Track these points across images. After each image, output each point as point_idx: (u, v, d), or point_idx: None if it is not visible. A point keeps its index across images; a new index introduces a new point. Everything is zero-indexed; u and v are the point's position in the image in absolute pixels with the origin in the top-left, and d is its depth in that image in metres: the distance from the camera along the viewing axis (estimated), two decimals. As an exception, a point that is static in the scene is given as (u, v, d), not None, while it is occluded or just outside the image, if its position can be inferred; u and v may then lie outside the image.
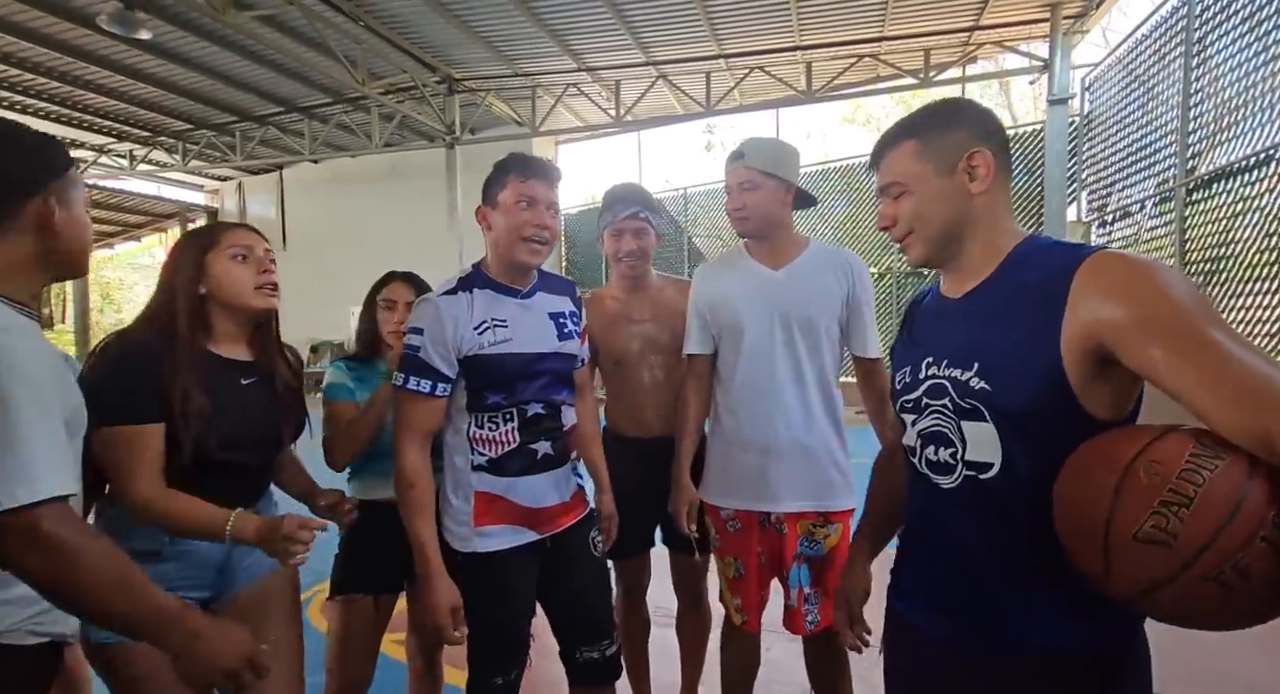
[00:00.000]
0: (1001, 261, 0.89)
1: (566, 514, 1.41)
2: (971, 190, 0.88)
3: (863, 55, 7.70)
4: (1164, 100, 5.57)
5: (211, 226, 1.22)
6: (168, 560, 1.12)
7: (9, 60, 7.31)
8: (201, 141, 10.10)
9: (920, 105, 0.98)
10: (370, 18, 6.86)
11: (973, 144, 0.88)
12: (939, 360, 0.91)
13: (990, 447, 0.84)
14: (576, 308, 1.46)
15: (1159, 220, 5.64)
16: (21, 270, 0.86)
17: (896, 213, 0.93)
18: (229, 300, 1.16)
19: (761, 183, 1.49)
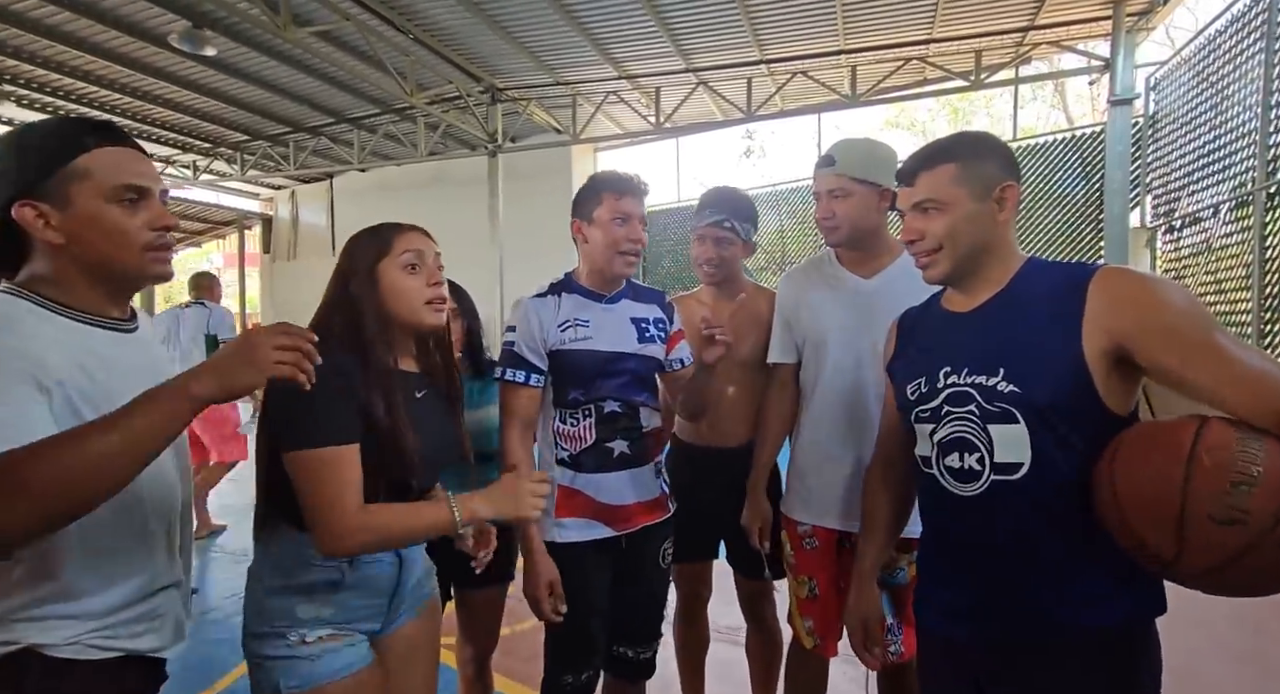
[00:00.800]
0: (1011, 278, 0.99)
1: (645, 515, 1.45)
2: (998, 219, 0.98)
3: (910, 58, 7.51)
4: (1239, 100, 5.26)
5: (384, 230, 1.13)
6: (349, 589, 1.05)
7: (89, 78, 7.77)
8: (258, 152, 10.54)
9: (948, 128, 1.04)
10: (420, 30, 7.05)
11: (1004, 177, 0.98)
12: (958, 369, 0.97)
13: (1020, 446, 0.90)
14: (665, 314, 1.52)
15: (1234, 226, 5.31)
16: (60, 277, 0.81)
17: (926, 228, 0.99)
18: (399, 315, 1.09)
19: (853, 190, 1.42)
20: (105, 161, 0.81)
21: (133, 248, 0.83)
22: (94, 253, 0.81)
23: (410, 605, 1.15)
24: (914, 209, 1.01)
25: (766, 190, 9.68)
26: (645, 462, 1.46)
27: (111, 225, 0.81)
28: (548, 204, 10.43)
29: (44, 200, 0.79)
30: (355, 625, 1.07)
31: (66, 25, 6.67)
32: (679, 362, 1.55)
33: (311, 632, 1.02)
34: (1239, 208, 5.23)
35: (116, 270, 0.84)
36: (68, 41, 6.89)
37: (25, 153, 0.80)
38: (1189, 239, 6.11)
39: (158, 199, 0.86)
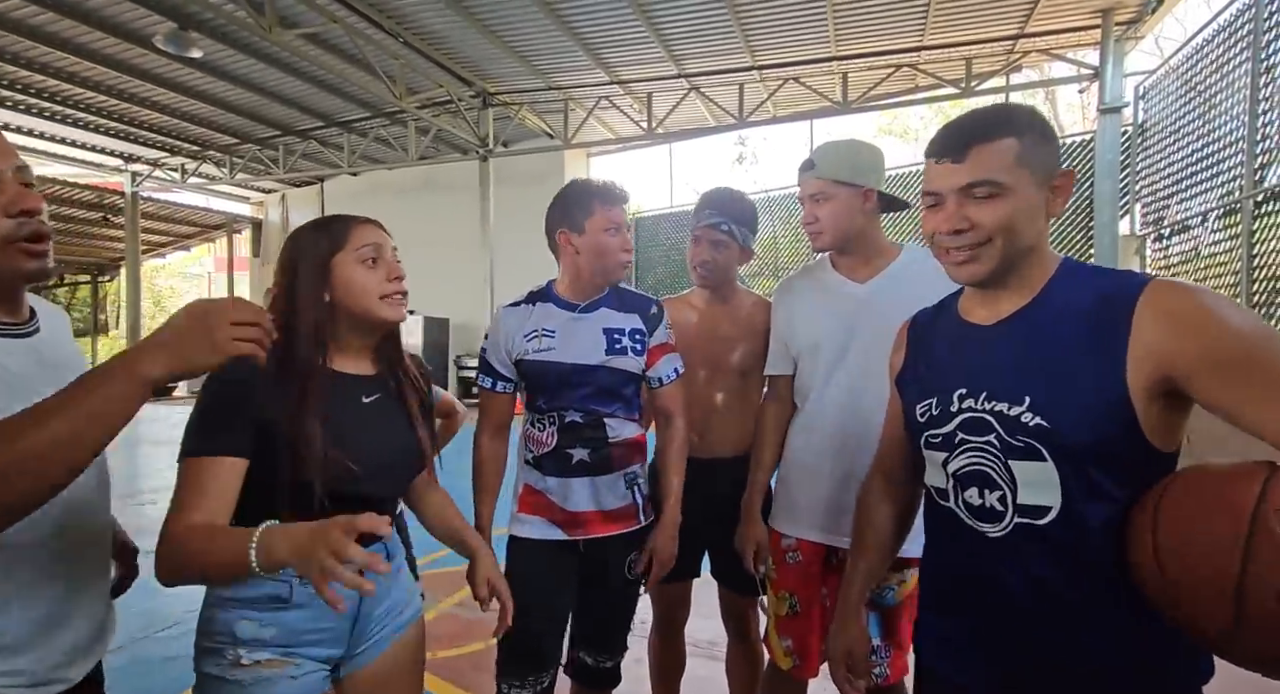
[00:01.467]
0: (1045, 285, 0.82)
1: (604, 524, 1.43)
2: (1050, 210, 0.82)
3: (901, 65, 7.53)
4: (1226, 109, 5.28)
5: (335, 221, 1.05)
6: (297, 607, 0.95)
7: (73, 79, 7.70)
8: (247, 155, 10.47)
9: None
10: (410, 34, 7.02)
11: (1056, 163, 0.81)
12: (975, 392, 0.82)
13: (1048, 488, 0.77)
14: (647, 325, 1.47)
15: (1222, 234, 5.32)
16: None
17: (979, 217, 0.79)
18: (355, 311, 1.00)
19: (834, 193, 1.36)
20: None
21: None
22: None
23: (383, 633, 1.05)
24: (962, 192, 0.80)
25: (759, 196, 9.67)
26: (609, 470, 1.43)
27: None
28: (539, 209, 10.25)
29: None
30: (303, 651, 0.96)
31: (50, 26, 6.61)
32: (658, 380, 1.48)
33: (249, 653, 0.92)
34: (1227, 215, 5.24)
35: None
36: (51, 42, 6.83)
37: None
38: (1178, 246, 6.12)
39: (9, 178, 0.74)
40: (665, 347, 1.50)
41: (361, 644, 1.02)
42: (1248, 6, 5.00)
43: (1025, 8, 6.47)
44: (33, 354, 0.82)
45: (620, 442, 1.44)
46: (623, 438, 1.44)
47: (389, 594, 1.07)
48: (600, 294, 1.47)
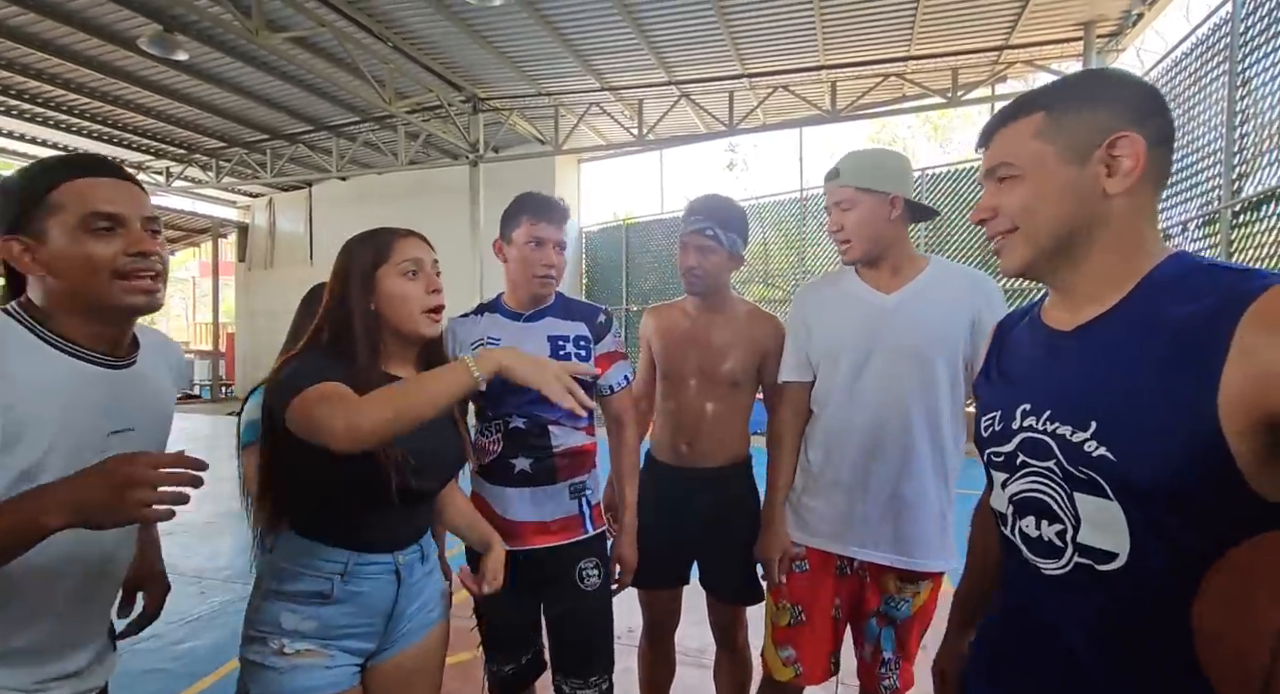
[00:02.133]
0: (1136, 285, 0.69)
1: (543, 535, 1.44)
2: (1107, 188, 0.67)
3: (889, 74, 7.62)
4: (1204, 120, 5.39)
5: (380, 234, 1.10)
6: (337, 603, 1.03)
7: (55, 81, 7.59)
8: (234, 159, 10.36)
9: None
10: (399, 38, 7.00)
11: (1119, 126, 0.67)
12: (1039, 410, 0.72)
13: (1115, 531, 0.65)
14: (593, 332, 1.50)
15: (1202, 243, 5.42)
16: (50, 307, 0.83)
17: (998, 203, 0.73)
18: (394, 323, 1.08)
19: (859, 200, 1.34)
20: (76, 192, 0.82)
21: (100, 276, 0.82)
22: (67, 283, 0.82)
23: (413, 629, 1.12)
24: (988, 178, 0.76)
25: (750, 203, 9.72)
26: (552, 481, 1.45)
27: (81, 255, 0.82)
28: (529, 214, 10.37)
29: (27, 234, 0.82)
30: (340, 644, 1.04)
31: (32, 27, 6.51)
32: (608, 387, 1.53)
33: (291, 643, 1.01)
34: (1207, 225, 5.34)
35: (89, 300, 0.83)
36: (32, 43, 6.73)
37: (10, 190, 0.83)
38: (1159, 255, 6.22)
39: (137, 226, 0.85)
40: (614, 354, 1.53)
41: (393, 638, 1.09)
42: (1224, 21, 5.12)
43: (1009, 20, 6.58)
44: (117, 386, 0.88)
45: (565, 450, 1.45)
46: (567, 446, 1.45)
47: (423, 591, 1.13)
48: (545, 304, 1.51)
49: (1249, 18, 4.88)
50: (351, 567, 1.03)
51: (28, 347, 0.80)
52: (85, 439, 0.82)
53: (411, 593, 1.11)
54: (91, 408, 0.83)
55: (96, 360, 0.85)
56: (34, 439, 0.77)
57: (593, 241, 11.03)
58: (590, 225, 11.16)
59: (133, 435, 0.87)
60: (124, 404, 0.87)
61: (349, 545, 1.04)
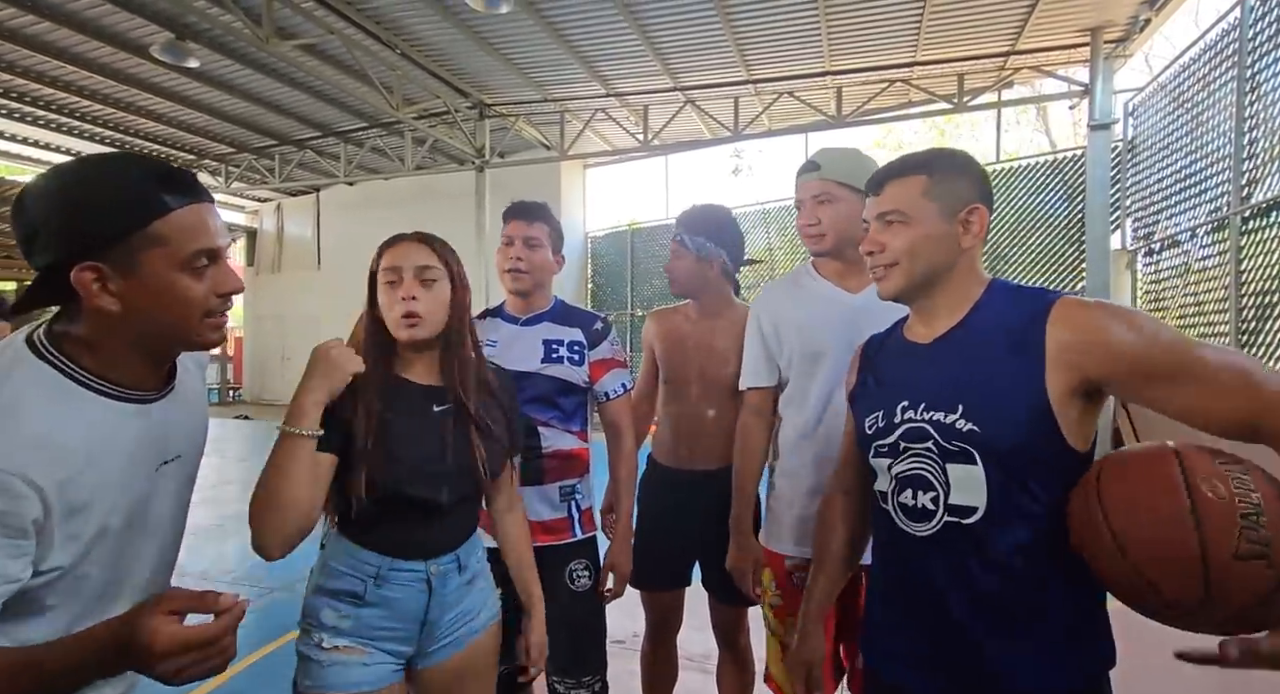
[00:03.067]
0: (973, 306, 0.94)
1: (534, 535, 1.44)
2: (962, 242, 0.93)
3: (895, 80, 7.62)
4: (1214, 126, 5.36)
5: (383, 245, 1.13)
6: (371, 605, 1.06)
7: (69, 88, 7.70)
8: (243, 164, 10.46)
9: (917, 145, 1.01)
10: (406, 45, 7.06)
11: (974, 199, 0.93)
12: (915, 404, 0.92)
13: (975, 489, 0.86)
14: (588, 338, 1.53)
15: (1212, 249, 5.38)
16: (101, 345, 0.72)
17: (887, 241, 0.95)
18: (389, 327, 1.10)
19: (839, 195, 1.36)
20: (184, 224, 0.72)
21: (194, 319, 0.74)
22: (151, 323, 0.72)
23: (455, 637, 1.12)
24: (878, 220, 0.96)
25: (754, 208, 9.73)
26: (540, 482, 1.48)
27: (179, 295, 0.72)
28: (535, 219, 10.42)
29: (107, 263, 0.69)
30: (376, 644, 1.06)
31: (46, 35, 6.61)
32: (604, 394, 1.55)
33: (330, 638, 1.05)
34: (1216, 231, 5.30)
35: (168, 340, 0.76)
36: (47, 51, 6.83)
37: (92, 208, 0.68)
38: (1168, 261, 6.18)
39: (225, 261, 0.77)
40: (611, 361, 1.55)
41: (433, 644, 1.11)
42: (1233, 27, 5.09)
43: (1016, 25, 6.57)
44: (164, 414, 0.80)
45: (554, 452, 1.48)
46: (557, 449, 1.48)
47: (461, 601, 1.13)
48: (543, 309, 1.56)
49: (1258, 23, 4.86)
50: (384, 571, 1.06)
51: (72, 397, 0.71)
52: (138, 481, 0.76)
53: (446, 603, 1.10)
54: (140, 450, 0.76)
55: (138, 398, 0.77)
56: (99, 499, 0.71)
57: (598, 246, 11.06)
58: (595, 230, 11.19)
59: (181, 461, 0.83)
60: (169, 433, 0.81)
61: (382, 550, 1.06)
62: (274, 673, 2.46)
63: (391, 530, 1.07)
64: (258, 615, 3.02)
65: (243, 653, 2.60)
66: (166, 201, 0.71)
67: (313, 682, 1.04)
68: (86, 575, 0.73)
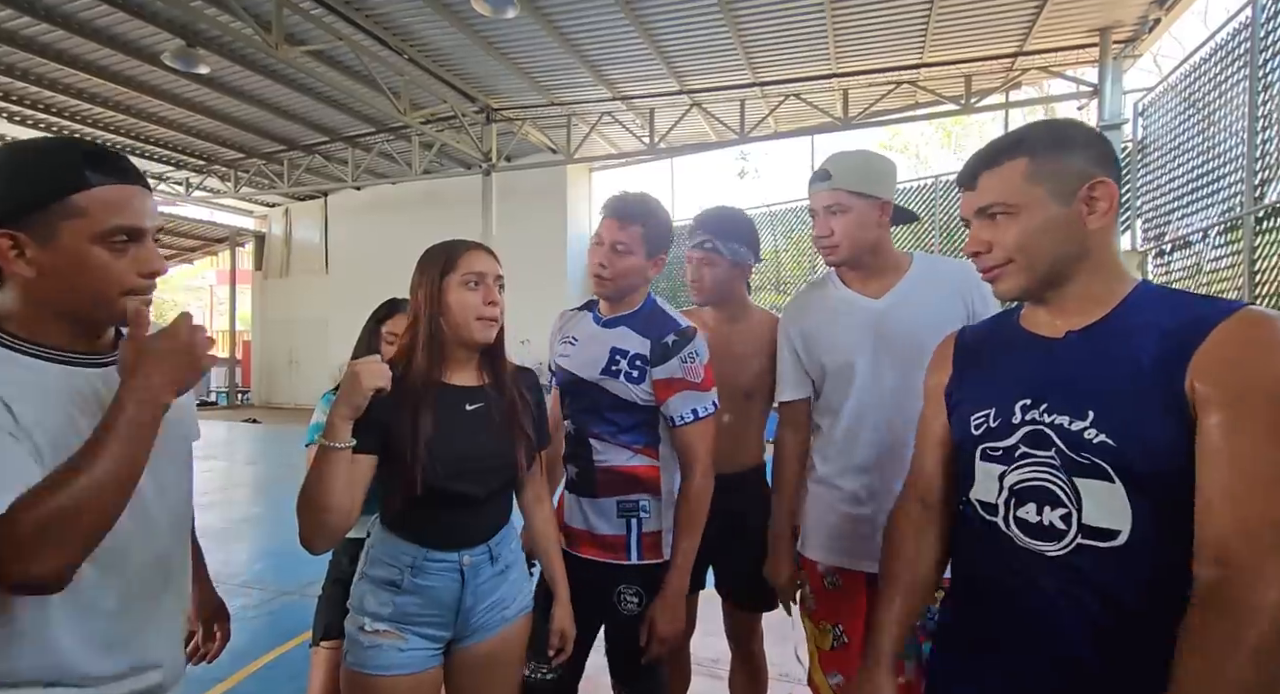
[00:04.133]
0: (1121, 302, 0.80)
1: (590, 547, 1.40)
2: (1089, 224, 0.79)
3: (901, 81, 7.60)
4: (1225, 126, 5.31)
5: (451, 247, 1.19)
6: (407, 593, 1.13)
7: (82, 95, 7.80)
8: (252, 169, 10.55)
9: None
10: (414, 51, 7.10)
11: (1094, 171, 0.79)
12: (1037, 403, 0.80)
13: (1118, 511, 0.73)
14: (651, 353, 1.36)
15: (1224, 250, 5.32)
16: (25, 312, 0.75)
17: (994, 237, 0.82)
18: (454, 329, 1.15)
19: (851, 204, 1.31)
20: (104, 199, 0.75)
21: (111, 293, 0.76)
22: (66, 293, 0.75)
23: (489, 623, 1.18)
24: (979, 216, 0.84)
25: (761, 210, 9.72)
26: (595, 494, 1.39)
27: (94, 268, 0.75)
28: (543, 223, 10.45)
29: (24, 230, 0.72)
30: (415, 629, 1.13)
31: (61, 43, 6.70)
32: (670, 419, 1.36)
33: (371, 622, 1.12)
34: (1228, 231, 5.25)
35: (85, 313, 0.78)
36: (61, 59, 6.92)
37: (16, 178, 0.73)
38: (1180, 262, 6.12)
39: (150, 241, 0.79)
40: (678, 382, 1.35)
41: (467, 630, 1.17)
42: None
43: (1024, 26, 6.54)
44: (112, 381, 0.81)
45: (607, 467, 1.38)
46: (610, 464, 1.38)
47: (495, 591, 1.19)
48: (629, 311, 1.42)
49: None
50: (420, 562, 1.12)
51: (19, 366, 0.74)
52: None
53: (480, 592, 1.16)
54: (85, 409, 0.77)
55: (79, 361, 0.79)
56: (49, 454, 0.73)
57: (604, 250, 11.07)
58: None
59: None
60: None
61: (417, 541, 1.13)
62: (284, 676, 2.46)
63: (427, 523, 1.13)
64: (268, 619, 3.03)
65: (253, 656, 2.60)
66: (89, 177, 0.74)
67: (355, 660, 1.12)
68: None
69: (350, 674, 1.13)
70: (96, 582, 0.78)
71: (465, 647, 1.18)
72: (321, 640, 1.57)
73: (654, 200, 1.44)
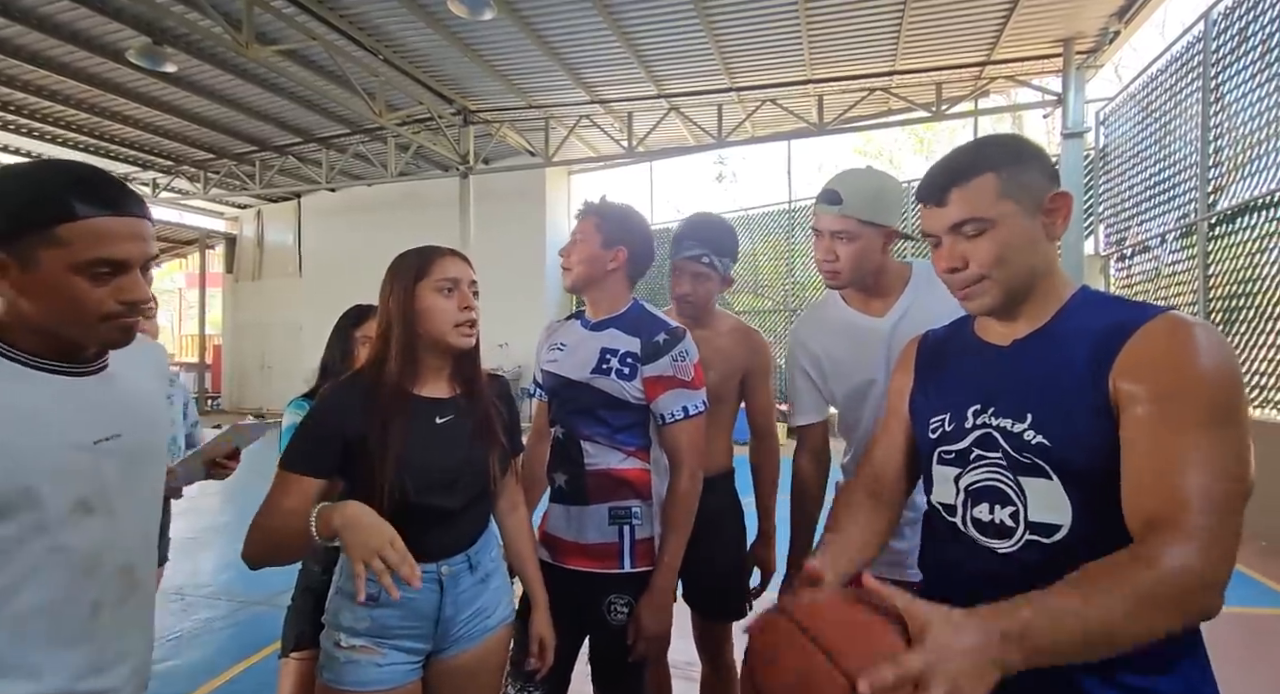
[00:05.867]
0: (1061, 308, 0.84)
1: (579, 557, 1.37)
2: (1051, 235, 0.83)
3: (874, 88, 7.75)
4: (1181, 135, 5.52)
5: (425, 253, 1.16)
6: (386, 606, 1.10)
7: (42, 93, 7.56)
8: (222, 170, 10.33)
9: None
10: (389, 52, 7.04)
11: (1050, 184, 0.82)
12: (985, 408, 0.84)
13: (1058, 506, 0.77)
14: (642, 352, 1.36)
15: (1181, 255, 5.52)
16: (10, 325, 0.78)
17: (969, 254, 0.82)
18: (429, 335, 1.12)
19: (859, 232, 1.26)
20: (87, 233, 0.75)
21: (87, 318, 0.77)
22: (46, 315, 0.77)
23: (468, 634, 1.17)
24: (952, 232, 0.84)
25: (738, 215, 9.82)
26: (586, 501, 1.37)
27: (70, 296, 0.76)
28: (521, 225, 10.40)
29: (9, 254, 0.74)
30: (393, 643, 1.11)
31: (18, 39, 6.49)
32: (659, 416, 1.36)
33: (347, 638, 1.10)
34: (1184, 236, 5.45)
35: (61, 335, 0.79)
36: (19, 56, 6.71)
37: (4, 202, 0.75)
38: (1140, 266, 6.34)
39: (136, 271, 0.80)
40: (668, 380, 1.34)
41: (447, 641, 1.15)
42: (1197, 39, 5.26)
43: (991, 36, 6.73)
44: (94, 392, 0.84)
45: (599, 471, 1.37)
46: (601, 467, 1.37)
47: (475, 600, 1.17)
48: (616, 313, 1.42)
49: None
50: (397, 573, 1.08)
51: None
52: (69, 454, 0.78)
53: (460, 602, 1.15)
54: (68, 421, 0.79)
55: (60, 370, 0.80)
56: (16, 463, 0.74)
57: (583, 253, 11.07)
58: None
59: (121, 441, 0.84)
60: (102, 411, 0.83)
61: None
62: (250, 688, 2.41)
63: (404, 535, 1.07)
64: (236, 630, 2.96)
65: (215, 670, 2.54)
66: (75, 209, 0.74)
67: (332, 676, 1.10)
68: (64, 547, 0.78)
69: (326, 689, 1.10)
70: (69, 585, 0.79)
71: (445, 658, 1.16)
72: (292, 651, 1.53)
73: (618, 203, 1.45)
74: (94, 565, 0.81)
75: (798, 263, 9.46)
